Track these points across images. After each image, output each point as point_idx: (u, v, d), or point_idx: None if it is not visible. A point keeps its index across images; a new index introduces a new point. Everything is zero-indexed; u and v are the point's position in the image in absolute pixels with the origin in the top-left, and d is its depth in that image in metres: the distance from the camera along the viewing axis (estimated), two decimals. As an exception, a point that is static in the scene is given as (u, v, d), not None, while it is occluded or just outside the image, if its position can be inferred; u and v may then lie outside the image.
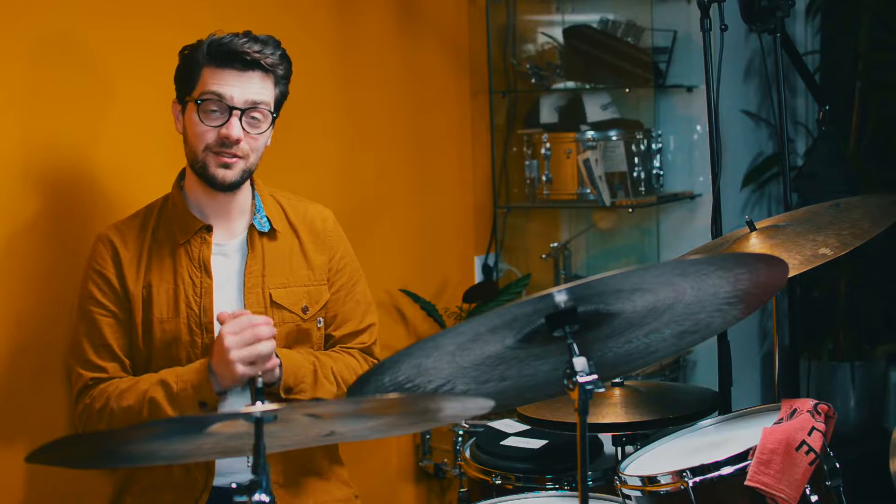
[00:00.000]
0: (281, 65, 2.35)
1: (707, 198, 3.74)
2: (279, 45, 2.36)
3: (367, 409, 1.68)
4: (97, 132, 2.62)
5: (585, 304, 1.75)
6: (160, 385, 2.27)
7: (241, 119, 2.30)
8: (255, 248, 2.42)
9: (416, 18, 3.66)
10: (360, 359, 2.51)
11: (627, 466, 2.18)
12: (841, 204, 2.39)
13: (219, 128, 2.29)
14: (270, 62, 2.31)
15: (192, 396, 2.24)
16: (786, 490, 1.95)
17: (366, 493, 2.67)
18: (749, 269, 1.84)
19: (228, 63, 2.29)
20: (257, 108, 2.31)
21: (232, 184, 2.34)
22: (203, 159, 2.32)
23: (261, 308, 2.39)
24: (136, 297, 2.36)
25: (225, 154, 2.31)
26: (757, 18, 2.80)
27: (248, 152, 2.33)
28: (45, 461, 1.66)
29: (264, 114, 2.33)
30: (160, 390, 2.26)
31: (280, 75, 2.36)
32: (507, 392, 1.94)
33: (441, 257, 3.81)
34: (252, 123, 2.32)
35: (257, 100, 2.31)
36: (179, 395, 2.24)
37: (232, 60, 2.29)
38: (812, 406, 2.08)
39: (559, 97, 4.04)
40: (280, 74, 2.35)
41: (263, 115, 2.33)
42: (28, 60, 2.47)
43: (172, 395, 2.25)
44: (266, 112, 2.33)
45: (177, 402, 2.25)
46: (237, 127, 2.29)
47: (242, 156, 2.32)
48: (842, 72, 4.41)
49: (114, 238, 2.39)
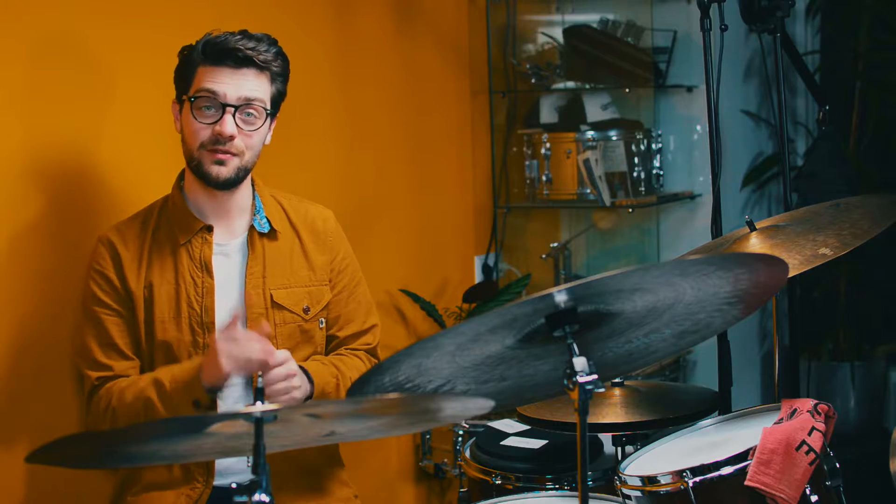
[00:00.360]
0: (276, 62, 2.34)
1: (707, 198, 3.74)
2: (275, 43, 2.35)
3: (367, 409, 1.68)
4: (99, 132, 2.62)
5: (585, 304, 1.75)
6: (154, 384, 2.27)
7: (234, 116, 2.29)
8: (256, 248, 2.42)
9: (416, 18, 3.66)
10: (366, 361, 2.52)
11: (627, 466, 2.18)
12: (841, 204, 2.39)
13: (213, 125, 2.29)
14: (264, 59, 2.31)
15: (183, 395, 2.23)
16: (786, 490, 1.95)
17: (366, 493, 2.67)
18: (749, 269, 1.84)
19: (222, 60, 2.29)
20: (251, 104, 2.31)
21: (227, 181, 2.33)
22: (198, 157, 2.32)
23: (262, 309, 2.39)
24: (138, 297, 2.36)
25: (219, 151, 2.30)
26: (757, 18, 2.80)
27: (243, 150, 2.33)
28: (45, 461, 1.66)
29: (259, 111, 2.32)
30: (154, 389, 2.26)
31: (275, 72, 2.35)
32: (507, 392, 1.94)
33: (441, 257, 3.81)
34: (246, 120, 2.32)
35: (251, 97, 2.31)
36: (172, 394, 2.24)
37: (225, 58, 2.29)
38: (812, 406, 2.08)
39: (559, 97, 4.04)
40: (275, 71, 2.35)
41: (258, 112, 2.32)
42: (29, 60, 2.47)
43: (165, 394, 2.25)
44: (260, 109, 2.32)
45: (170, 401, 2.24)
46: (230, 123, 2.29)
47: (237, 153, 2.32)
48: (842, 72, 4.41)
49: (114, 239, 2.39)
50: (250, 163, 2.37)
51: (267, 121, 2.36)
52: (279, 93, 2.38)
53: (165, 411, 2.24)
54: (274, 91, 2.36)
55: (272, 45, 2.34)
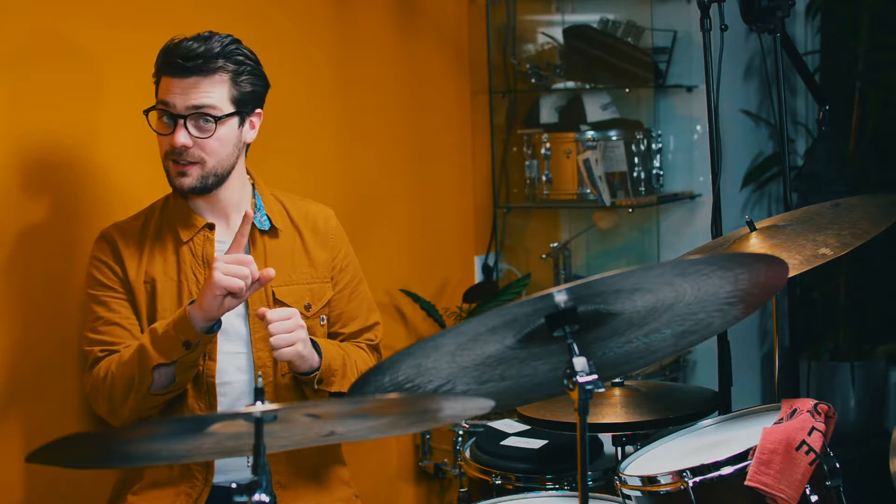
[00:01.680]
0: (229, 61, 2.29)
1: (707, 198, 3.74)
2: (230, 43, 2.31)
3: (367, 409, 1.68)
4: (92, 131, 2.61)
5: (585, 304, 1.75)
6: (148, 332, 2.28)
7: (187, 125, 2.28)
8: (257, 246, 2.42)
9: (416, 18, 3.66)
10: (370, 354, 2.53)
11: (627, 466, 2.18)
12: (841, 204, 2.39)
13: (169, 136, 2.29)
14: (212, 63, 2.27)
15: (173, 336, 2.22)
16: (786, 490, 1.95)
17: (366, 493, 2.67)
18: (749, 269, 1.84)
19: (171, 70, 2.28)
20: (201, 111, 2.28)
21: (192, 189, 2.33)
22: (166, 167, 2.34)
23: (263, 306, 2.39)
24: (139, 290, 2.37)
25: (179, 162, 2.30)
26: (757, 18, 2.80)
27: (203, 157, 2.31)
28: (45, 461, 1.66)
29: (212, 116, 2.29)
30: (147, 336, 2.27)
31: (233, 70, 2.30)
32: (507, 392, 1.94)
33: (441, 257, 3.81)
34: (201, 127, 2.29)
35: (199, 104, 2.27)
36: (163, 336, 2.24)
37: (175, 67, 2.28)
38: (812, 406, 2.08)
39: (559, 97, 4.04)
40: (233, 70, 2.30)
41: (211, 119, 2.29)
42: (19, 60, 2.46)
43: (157, 337, 2.25)
44: (212, 115, 2.28)
45: (161, 343, 2.23)
46: (181, 135, 2.27)
47: (197, 161, 2.30)
48: (842, 72, 4.42)
49: (114, 234, 2.41)
50: (219, 167, 2.33)
51: (229, 122, 2.32)
52: (248, 91, 2.33)
53: (158, 354, 2.23)
54: (238, 91, 2.32)
55: (226, 45, 2.30)
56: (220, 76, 2.29)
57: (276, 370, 2.40)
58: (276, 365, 2.40)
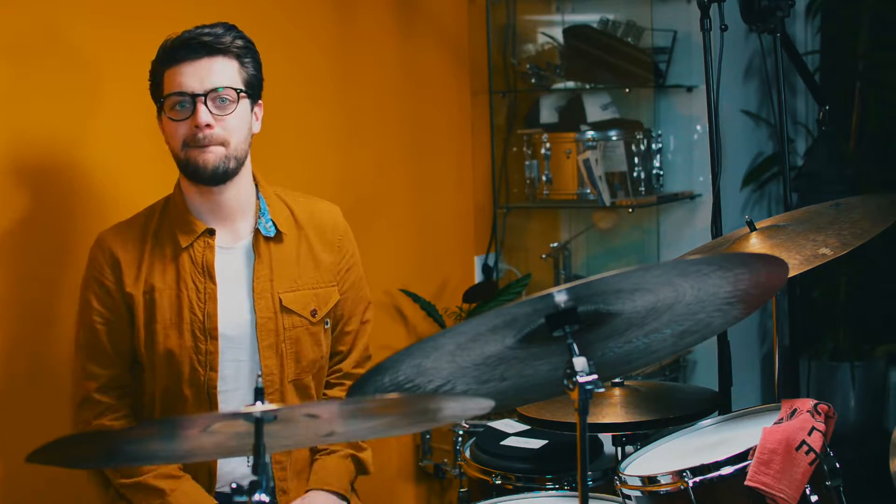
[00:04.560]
0: (235, 43, 2.31)
1: (707, 198, 3.74)
2: (232, 28, 2.34)
3: (367, 409, 1.68)
4: (86, 132, 2.60)
5: (585, 304, 1.75)
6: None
7: (207, 105, 2.28)
8: (262, 253, 2.40)
9: (416, 18, 3.66)
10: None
11: (627, 466, 2.18)
12: (841, 204, 2.39)
13: (188, 119, 2.28)
14: (222, 43, 2.29)
15: None
16: (786, 490, 1.95)
17: (366, 493, 2.67)
18: (749, 269, 1.84)
19: (182, 57, 2.28)
20: (220, 90, 2.29)
21: (215, 169, 2.30)
22: (185, 155, 2.30)
23: (270, 313, 2.38)
24: (138, 302, 2.34)
25: (202, 145, 2.28)
26: (757, 18, 2.80)
27: (226, 137, 2.30)
28: (45, 461, 1.65)
29: (230, 94, 2.30)
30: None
31: (240, 54, 2.32)
32: (507, 392, 1.94)
33: (441, 257, 3.81)
34: (220, 107, 2.29)
35: (218, 82, 2.28)
36: None
37: (185, 53, 2.28)
38: (812, 406, 2.08)
39: (559, 97, 4.04)
40: (239, 53, 2.32)
41: (230, 95, 2.30)
42: (13, 58, 2.46)
43: None
44: (231, 92, 2.30)
45: None
46: (204, 113, 2.27)
47: (220, 142, 2.30)
48: (842, 72, 4.41)
49: (112, 242, 2.36)
50: (238, 151, 2.32)
51: (243, 103, 2.32)
52: (253, 76, 2.35)
53: None
54: (246, 74, 2.33)
55: (229, 30, 2.32)
56: (229, 57, 2.31)
57: (283, 377, 2.39)
58: (283, 371, 2.39)
